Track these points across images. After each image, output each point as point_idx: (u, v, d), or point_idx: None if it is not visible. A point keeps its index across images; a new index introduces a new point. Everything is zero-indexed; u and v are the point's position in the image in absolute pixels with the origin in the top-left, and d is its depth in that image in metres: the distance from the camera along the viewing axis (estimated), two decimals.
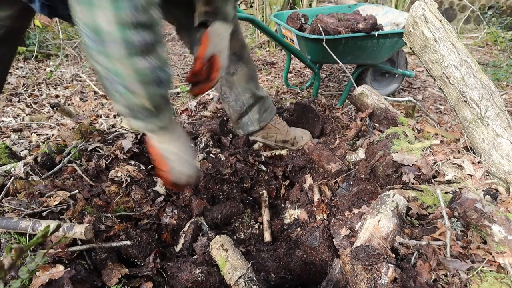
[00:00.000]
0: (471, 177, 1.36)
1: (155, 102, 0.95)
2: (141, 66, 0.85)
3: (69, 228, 1.09)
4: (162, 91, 0.95)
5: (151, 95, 0.93)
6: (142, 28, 0.82)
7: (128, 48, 0.81)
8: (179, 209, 1.43)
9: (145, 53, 0.85)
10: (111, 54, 0.82)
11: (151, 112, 0.97)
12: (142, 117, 0.98)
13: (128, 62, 0.83)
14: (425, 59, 1.52)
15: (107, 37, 0.79)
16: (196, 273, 1.11)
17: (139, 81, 0.88)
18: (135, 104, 0.94)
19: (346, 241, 1.21)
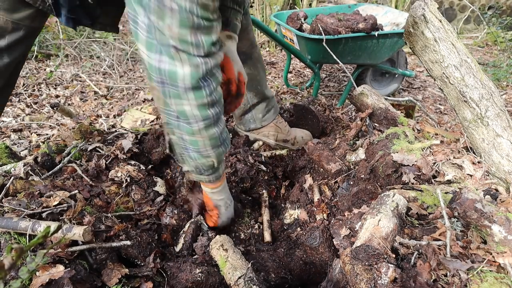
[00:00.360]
0: (471, 177, 1.36)
1: (220, 159, 1.16)
2: (214, 134, 1.06)
3: (68, 229, 1.09)
4: (225, 150, 1.15)
5: (218, 155, 1.13)
6: (215, 104, 1.01)
7: (207, 123, 1.02)
8: (179, 209, 1.43)
9: (216, 122, 1.05)
10: (194, 130, 1.02)
11: (215, 168, 1.17)
12: (207, 173, 1.18)
13: (206, 133, 1.04)
14: (425, 59, 1.52)
15: (191, 118, 1.00)
16: (196, 273, 1.11)
17: (211, 146, 1.08)
18: (204, 165, 1.14)
19: (346, 241, 1.21)
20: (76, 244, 1.11)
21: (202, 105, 0.97)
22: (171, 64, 0.90)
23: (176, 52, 0.88)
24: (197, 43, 0.89)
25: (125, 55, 4.04)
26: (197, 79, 0.92)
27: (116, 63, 3.84)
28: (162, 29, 0.85)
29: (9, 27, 1.15)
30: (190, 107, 0.96)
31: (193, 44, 0.89)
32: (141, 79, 3.63)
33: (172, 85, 0.93)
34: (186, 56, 0.89)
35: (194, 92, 0.94)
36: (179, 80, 0.91)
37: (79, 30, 3.87)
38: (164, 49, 0.88)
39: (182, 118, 1.00)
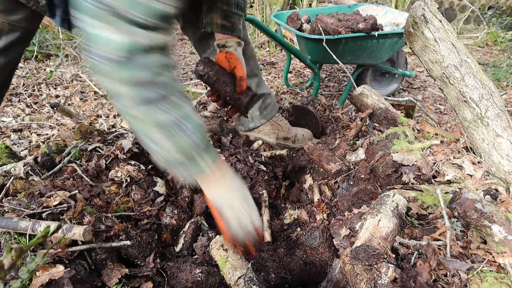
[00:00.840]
0: (471, 177, 1.36)
1: (186, 152, 0.94)
2: (160, 118, 0.88)
3: (68, 229, 1.09)
4: (191, 140, 0.94)
5: (179, 146, 0.93)
6: (158, 85, 0.86)
7: (146, 104, 0.85)
8: (179, 209, 1.43)
9: (163, 105, 0.88)
10: (131, 112, 0.87)
11: (187, 162, 0.96)
12: (182, 168, 0.97)
13: (148, 117, 0.87)
14: (425, 59, 1.52)
15: (126, 98, 0.85)
16: (196, 273, 1.11)
17: (163, 133, 0.90)
18: (169, 159, 0.95)
19: (346, 241, 1.21)
20: (76, 244, 1.11)
21: (137, 82, 0.83)
22: (104, 28, 0.77)
23: (112, 16, 0.76)
24: (147, 8, 0.77)
25: None
26: (133, 51, 0.79)
27: None
28: None
29: (5, 28, 1.14)
30: (126, 83, 0.82)
31: (142, 7, 0.76)
32: None
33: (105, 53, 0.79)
34: (125, 23, 0.76)
35: (128, 67, 0.80)
36: (111, 48, 0.78)
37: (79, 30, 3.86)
38: (99, 11, 0.75)
39: (115, 97, 0.86)
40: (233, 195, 1.06)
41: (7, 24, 1.13)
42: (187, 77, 3.73)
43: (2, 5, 1.10)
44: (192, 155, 0.96)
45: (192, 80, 3.60)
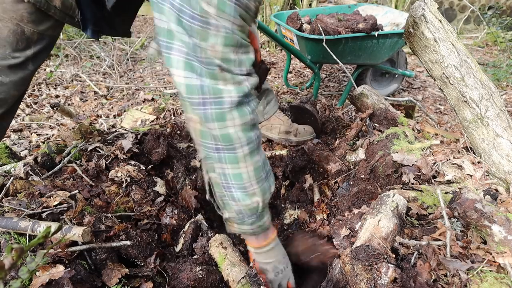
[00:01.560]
0: (471, 177, 1.36)
1: (266, 199, 1.02)
2: (258, 161, 0.97)
3: (67, 230, 1.09)
4: (271, 186, 1.03)
5: (264, 192, 1.00)
6: (256, 125, 0.95)
7: (251, 147, 0.94)
8: (179, 209, 1.43)
9: (259, 147, 0.97)
10: (238, 156, 0.93)
11: (259, 213, 1.02)
12: (250, 219, 1.03)
13: (251, 160, 0.95)
14: (425, 59, 1.52)
15: (236, 142, 0.92)
16: (197, 271, 1.12)
17: (256, 178, 0.97)
18: (248, 208, 1.00)
19: (346, 241, 1.21)
20: (76, 244, 1.11)
21: (246, 125, 0.92)
22: (213, 83, 0.87)
23: (220, 72, 0.86)
24: (239, 61, 0.88)
25: (125, 55, 4.04)
26: (243, 94, 0.89)
27: (116, 63, 3.84)
28: (205, 50, 0.84)
29: (35, 37, 1.19)
30: (234, 128, 0.91)
31: (235, 62, 0.87)
32: (141, 79, 3.63)
33: (216, 102, 0.88)
34: (230, 75, 0.87)
35: (238, 109, 0.90)
36: (224, 94, 0.87)
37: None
38: (207, 69, 0.86)
39: (225, 144, 0.93)
40: (279, 261, 1.15)
41: (37, 34, 1.19)
42: None
43: (34, 16, 1.15)
44: (266, 203, 1.03)
45: None
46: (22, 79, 1.23)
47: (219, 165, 0.96)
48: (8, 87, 1.21)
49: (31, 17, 1.14)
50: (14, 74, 1.21)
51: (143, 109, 2.68)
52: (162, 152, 1.65)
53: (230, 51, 0.85)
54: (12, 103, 1.28)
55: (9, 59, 1.17)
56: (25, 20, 1.14)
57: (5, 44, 1.15)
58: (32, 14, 1.14)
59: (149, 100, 3.12)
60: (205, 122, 0.91)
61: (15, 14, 1.13)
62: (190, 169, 1.69)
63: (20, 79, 1.23)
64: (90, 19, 1.21)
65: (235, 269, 1.13)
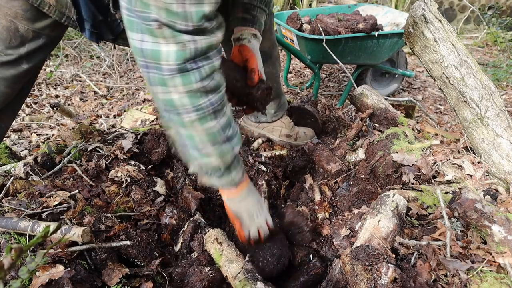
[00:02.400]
0: (471, 177, 1.36)
1: (226, 160, 1.01)
2: (211, 127, 0.93)
3: (67, 230, 1.09)
4: (231, 148, 1.01)
5: (222, 154, 0.98)
6: (209, 92, 0.89)
7: (199, 113, 0.89)
8: (178, 209, 1.43)
9: (214, 114, 0.92)
10: (185, 122, 0.90)
11: (223, 171, 1.03)
12: (217, 175, 1.04)
13: (200, 126, 0.91)
14: (425, 60, 1.52)
15: (181, 108, 0.88)
16: (207, 271, 1.13)
17: (210, 142, 0.95)
18: (208, 165, 1.01)
19: (346, 241, 1.21)
20: (76, 244, 1.11)
21: (191, 92, 0.85)
22: (153, 43, 0.79)
23: (158, 28, 0.77)
24: (183, 15, 0.77)
25: (125, 55, 4.04)
26: (184, 60, 0.81)
27: (116, 63, 3.84)
28: None
29: (29, 35, 1.17)
30: (179, 95, 0.85)
31: (179, 15, 0.77)
32: (141, 79, 3.63)
33: (156, 67, 0.82)
34: (170, 32, 0.78)
35: (181, 77, 0.83)
36: (162, 60, 0.80)
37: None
38: (146, 25, 0.78)
39: (170, 109, 0.89)
40: (252, 204, 1.17)
41: (32, 32, 1.16)
42: None
43: (29, 13, 1.13)
44: (229, 163, 1.03)
45: None
46: (14, 76, 1.22)
47: (171, 124, 0.94)
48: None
49: (26, 14, 1.13)
50: (6, 71, 1.19)
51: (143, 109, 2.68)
52: (162, 152, 1.65)
53: (173, 1, 0.75)
54: (5, 101, 1.26)
55: (1, 56, 1.16)
56: (19, 17, 1.12)
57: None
58: (27, 11, 1.12)
59: (149, 100, 3.13)
60: (149, 84, 0.87)
61: (9, 10, 1.11)
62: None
63: (12, 77, 1.21)
64: (88, 19, 1.17)
65: (233, 265, 1.14)
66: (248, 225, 1.17)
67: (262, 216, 1.20)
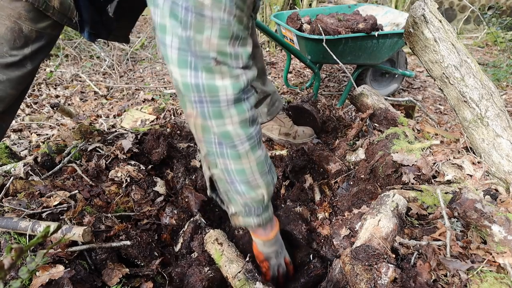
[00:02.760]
0: (471, 177, 1.36)
1: (270, 191, 1.04)
2: (260, 156, 0.97)
3: (67, 230, 1.09)
4: (272, 178, 1.04)
5: (268, 184, 1.01)
6: (254, 122, 0.94)
7: (251, 142, 0.94)
8: (179, 209, 1.43)
9: (259, 143, 0.97)
10: (240, 153, 0.93)
11: (265, 205, 1.05)
12: (257, 211, 1.05)
13: (253, 155, 0.95)
14: (425, 60, 1.52)
15: (236, 139, 0.91)
16: (206, 271, 1.13)
17: (260, 172, 0.98)
18: (254, 200, 1.01)
19: (346, 241, 1.21)
20: (76, 244, 1.11)
21: (244, 122, 0.91)
22: (210, 78, 0.84)
23: (216, 65, 0.83)
24: (236, 55, 0.86)
25: (125, 55, 4.04)
26: (239, 90, 0.87)
27: (116, 63, 3.84)
28: (200, 42, 0.81)
29: (33, 35, 1.19)
30: (233, 125, 0.90)
31: (232, 55, 0.85)
32: (141, 79, 3.63)
33: (212, 101, 0.86)
34: (226, 68, 0.85)
35: (236, 107, 0.88)
36: (220, 92, 0.85)
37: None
38: (202, 63, 0.83)
39: (225, 141, 0.92)
40: (277, 245, 1.20)
41: (35, 32, 1.18)
42: None
43: (32, 14, 1.15)
44: (270, 194, 1.05)
45: None
46: (19, 77, 1.23)
47: (221, 160, 0.95)
48: (5, 86, 1.21)
49: (29, 15, 1.14)
50: (11, 73, 1.21)
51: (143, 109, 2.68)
52: (162, 152, 1.65)
53: (226, 43, 0.83)
54: (9, 102, 1.27)
55: (6, 57, 1.17)
56: (23, 18, 1.14)
57: (2, 41, 1.14)
58: (30, 12, 1.14)
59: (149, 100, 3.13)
60: (202, 120, 0.90)
61: (12, 11, 1.12)
62: (190, 169, 1.69)
63: (17, 78, 1.22)
64: (88, 21, 1.20)
65: (233, 266, 1.14)
66: (273, 266, 1.21)
67: (283, 255, 1.23)
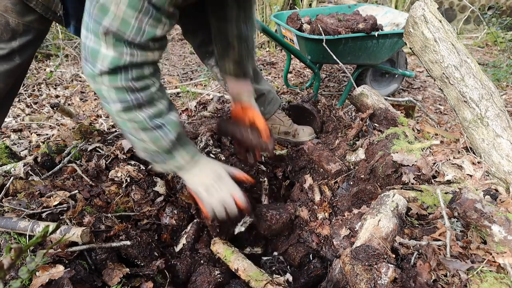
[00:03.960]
0: (471, 177, 1.36)
1: (162, 146, 1.05)
2: (135, 117, 0.99)
3: (66, 230, 1.09)
4: (166, 136, 1.04)
5: (155, 139, 1.03)
6: (135, 91, 0.96)
7: (124, 105, 0.96)
8: (179, 209, 1.43)
9: (140, 107, 0.98)
10: (113, 110, 0.98)
11: (165, 154, 1.07)
12: (160, 160, 1.08)
13: (125, 116, 0.98)
14: (425, 60, 1.52)
15: (108, 99, 0.96)
16: (216, 274, 1.13)
17: (140, 128, 1.00)
18: (147, 149, 1.05)
19: (346, 241, 1.21)
20: (76, 244, 1.11)
21: (118, 89, 0.94)
22: (95, 43, 0.88)
23: (104, 33, 0.86)
24: (138, 29, 0.87)
25: None
26: (115, 66, 0.90)
27: None
28: (108, 4, 0.83)
29: (20, 29, 1.19)
30: (107, 88, 0.94)
31: (133, 28, 0.86)
32: None
33: (91, 63, 0.91)
34: (113, 40, 0.87)
35: (110, 77, 0.92)
36: (98, 62, 0.89)
37: None
38: (93, 26, 0.87)
39: (102, 99, 0.98)
40: (207, 176, 1.15)
41: (22, 25, 1.18)
42: (187, 77, 3.73)
43: (18, 7, 1.15)
44: (168, 149, 1.06)
45: (192, 80, 3.60)
46: (8, 71, 1.23)
47: (109, 111, 1.01)
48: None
49: (16, 8, 1.14)
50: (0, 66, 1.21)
51: None
52: None
53: (133, 15, 0.85)
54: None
55: None
56: (9, 10, 1.14)
57: None
58: (17, 5, 1.14)
59: None
60: (84, 75, 0.96)
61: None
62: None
63: (6, 71, 1.23)
64: (73, 14, 1.20)
65: (246, 261, 1.16)
66: (208, 201, 1.14)
67: (224, 191, 1.14)
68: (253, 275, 1.09)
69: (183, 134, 1.09)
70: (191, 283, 1.14)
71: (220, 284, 1.14)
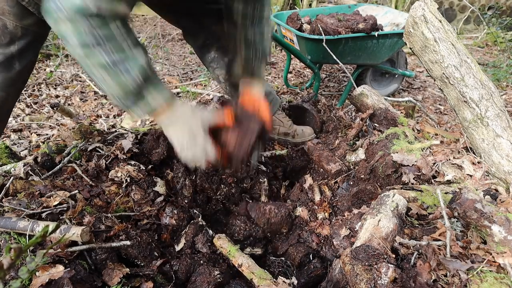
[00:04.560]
0: (471, 177, 1.36)
1: (126, 86, 0.99)
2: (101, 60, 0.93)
3: (66, 230, 1.09)
4: (127, 73, 0.98)
5: (120, 83, 0.98)
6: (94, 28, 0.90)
7: (86, 51, 0.91)
8: (179, 209, 1.43)
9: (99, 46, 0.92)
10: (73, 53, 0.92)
11: (135, 99, 1.02)
12: (130, 103, 1.02)
13: (88, 60, 0.93)
14: (425, 60, 1.52)
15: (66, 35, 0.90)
16: (216, 275, 1.13)
17: (106, 72, 0.95)
18: (115, 94, 1.00)
19: (346, 241, 1.21)
20: (76, 244, 1.11)
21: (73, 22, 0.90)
22: None
23: None
24: None
25: None
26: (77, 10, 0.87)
27: None
28: None
29: (18, 32, 1.17)
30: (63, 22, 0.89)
31: None
32: None
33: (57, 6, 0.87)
34: None
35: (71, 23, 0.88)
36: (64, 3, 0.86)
37: None
38: None
39: (58, 34, 0.93)
40: (182, 132, 1.13)
41: (20, 28, 1.16)
42: (187, 77, 3.74)
43: (15, 9, 1.13)
44: (138, 92, 1.01)
45: (192, 80, 3.60)
46: (8, 79, 1.20)
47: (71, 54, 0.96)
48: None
49: (13, 10, 1.13)
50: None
51: None
52: (162, 152, 1.65)
53: None
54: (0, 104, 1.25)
55: None
56: (6, 13, 1.12)
57: None
58: (14, 7, 1.12)
59: None
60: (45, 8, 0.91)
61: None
62: (190, 169, 1.69)
63: (5, 79, 1.20)
64: None
65: (250, 259, 1.17)
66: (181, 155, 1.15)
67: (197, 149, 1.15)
68: (257, 272, 1.10)
69: (154, 76, 1.04)
70: (191, 283, 1.14)
71: (220, 284, 1.13)
